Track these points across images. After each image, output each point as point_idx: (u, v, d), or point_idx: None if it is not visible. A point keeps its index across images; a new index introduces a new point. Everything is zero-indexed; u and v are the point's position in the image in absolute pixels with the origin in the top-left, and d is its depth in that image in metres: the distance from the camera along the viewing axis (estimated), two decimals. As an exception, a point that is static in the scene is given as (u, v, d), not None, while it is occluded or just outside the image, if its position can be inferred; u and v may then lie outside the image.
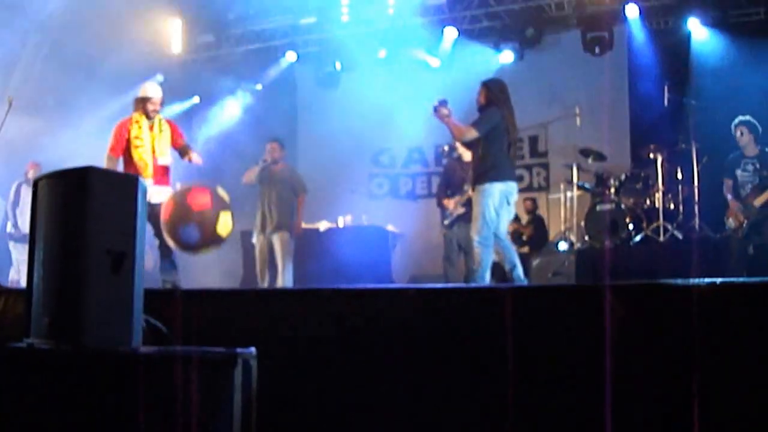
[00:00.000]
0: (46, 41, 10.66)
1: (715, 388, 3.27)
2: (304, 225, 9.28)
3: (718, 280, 3.48)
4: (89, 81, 10.46)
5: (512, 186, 6.65)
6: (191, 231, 5.72)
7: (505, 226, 6.72)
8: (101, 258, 2.95)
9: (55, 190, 3.16)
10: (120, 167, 7.05)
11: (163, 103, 7.42)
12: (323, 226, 10.51)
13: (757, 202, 7.50)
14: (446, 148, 8.83)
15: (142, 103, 7.25)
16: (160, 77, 12.43)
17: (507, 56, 11.51)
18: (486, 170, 6.55)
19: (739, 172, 7.79)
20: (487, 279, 6.49)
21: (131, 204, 3.10)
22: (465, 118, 10.60)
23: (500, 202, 6.50)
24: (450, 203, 8.47)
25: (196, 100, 12.66)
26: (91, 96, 10.50)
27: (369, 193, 12.54)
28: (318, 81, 12.56)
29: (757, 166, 7.65)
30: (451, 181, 8.63)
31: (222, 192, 5.88)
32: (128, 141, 7.11)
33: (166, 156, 7.24)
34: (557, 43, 11.41)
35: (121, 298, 2.99)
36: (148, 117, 7.22)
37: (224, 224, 5.73)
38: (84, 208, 2.99)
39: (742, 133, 7.76)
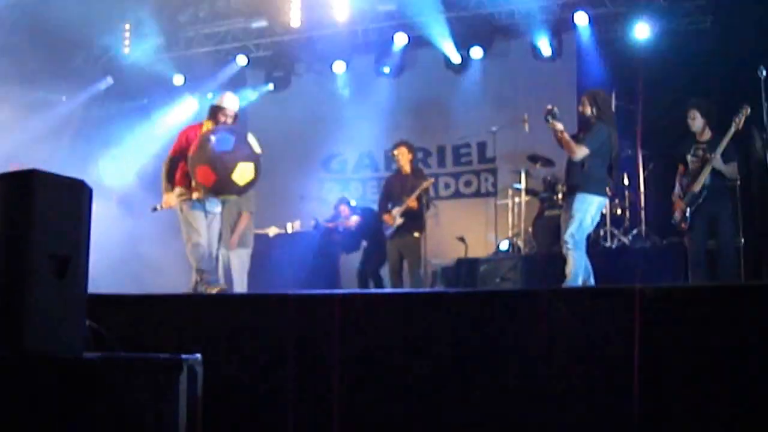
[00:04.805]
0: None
1: (657, 387, 3.35)
2: (255, 231, 9.40)
3: (660, 284, 3.56)
4: (37, 85, 10.30)
5: (605, 202, 6.86)
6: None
7: None
8: (45, 262, 2.91)
9: (-2, 193, 3.11)
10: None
11: (236, 118, 6.94)
12: (272, 231, 10.48)
13: (695, 188, 7.08)
14: (395, 152, 8.88)
15: (214, 112, 6.84)
16: (110, 80, 12.30)
17: (456, 62, 11.55)
18: (588, 182, 6.54)
19: (689, 158, 7.28)
20: (579, 281, 6.32)
21: (77, 208, 3.06)
22: (414, 124, 10.59)
23: (596, 214, 6.59)
24: (389, 218, 8.55)
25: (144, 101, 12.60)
26: (39, 98, 10.35)
27: (319, 198, 12.48)
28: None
29: (707, 151, 7.12)
30: (392, 194, 8.72)
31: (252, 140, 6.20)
32: (189, 146, 6.61)
33: None
34: (507, 49, 11.47)
35: (65, 303, 2.95)
36: None
37: (241, 174, 6.06)
38: (28, 212, 2.94)
39: (693, 117, 7.26)
